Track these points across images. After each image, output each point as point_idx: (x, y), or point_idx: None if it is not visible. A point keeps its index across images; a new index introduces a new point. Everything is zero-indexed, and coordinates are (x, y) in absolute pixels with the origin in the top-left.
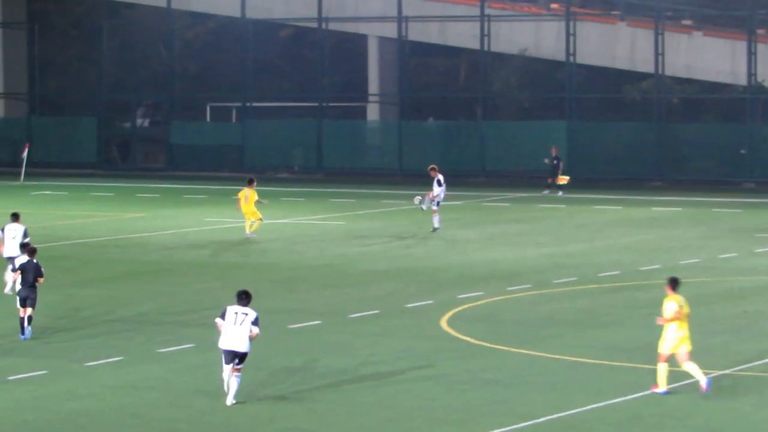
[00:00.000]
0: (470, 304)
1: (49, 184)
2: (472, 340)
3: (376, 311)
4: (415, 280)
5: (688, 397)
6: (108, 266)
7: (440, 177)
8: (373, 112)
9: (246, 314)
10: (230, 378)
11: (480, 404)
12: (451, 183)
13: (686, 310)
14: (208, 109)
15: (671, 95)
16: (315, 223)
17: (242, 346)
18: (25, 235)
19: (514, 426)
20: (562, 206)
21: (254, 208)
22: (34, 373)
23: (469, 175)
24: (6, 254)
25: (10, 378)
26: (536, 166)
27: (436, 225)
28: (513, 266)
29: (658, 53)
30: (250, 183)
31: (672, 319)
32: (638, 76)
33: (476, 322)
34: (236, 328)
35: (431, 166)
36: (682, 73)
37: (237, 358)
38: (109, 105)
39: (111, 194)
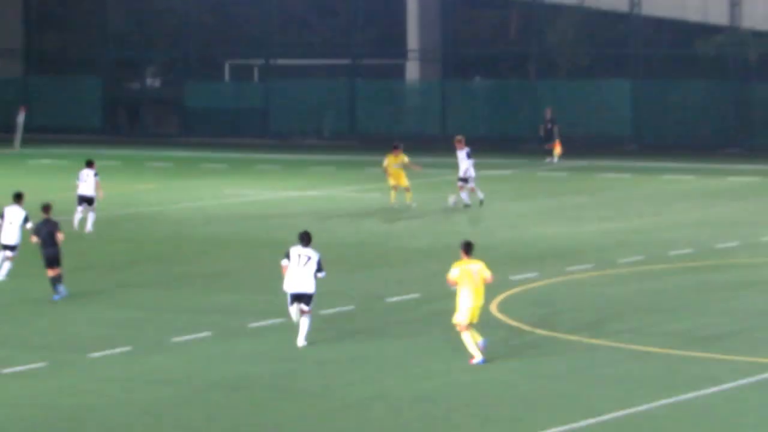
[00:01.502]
0: (524, 287)
1: (48, 152)
2: (526, 327)
3: (416, 295)
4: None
5: None
6: (114, 244)
7: (467, 149)
8: (412, 71)
9: (309, 257)
10: (300, 318)
11: (535, 399)
12: (501, 150)
13: (483, 275)
14: (226, 67)
15: (748, 50)
16: (348, 195)
17: (308, 287)
18: (26, 220)
19: (574, 424)
20: (627, 176)
21: (402, 175)
22: (32, 366)
23: (521, 141)
24: (3, 240)
25: (6, 371)
26: (598, 128)
27: (466, 200)
28: (572, 243)
29: (734, 3)
30: (394, 149)
31: (453, 284)
32: (711, 29)
33: (530, 306)
34: (300, 270)
35: (457, 137)
36: (761, 26)
37: (303, 300)
38: (116, 63)
39: (118, 163)
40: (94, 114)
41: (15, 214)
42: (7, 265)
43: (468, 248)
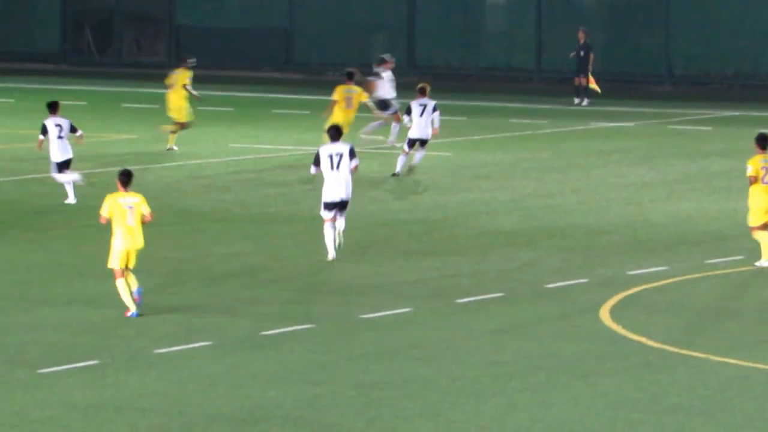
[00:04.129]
0: (647, 285)
1: None
2: (650, 342)
3: (498, 294)
4: (562, 246)
5: None
6: (79, 216)
7: (425, 101)
8: None
9: (340, 154)
10: (333, 226)
11: None
12: (621, 92)
13: (142, 211)
14: None
15: None
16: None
17: (345, 193)
18: (73, 129)
19: None
20: None
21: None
22: None
23: (647, 82)
24: (54, 159)
25: None
26: (753, 65)
27: (397, 169)
28: (715, 226)
29: None
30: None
31: (104, 220)
32: None
33: (656, 313)
34: (335, 174)
35: (421, 84)
36: None
37: (340, 207)
38: None
39: (83, 103)
40: (50, 36)
41: (61, 124)
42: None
43: (125, 178)
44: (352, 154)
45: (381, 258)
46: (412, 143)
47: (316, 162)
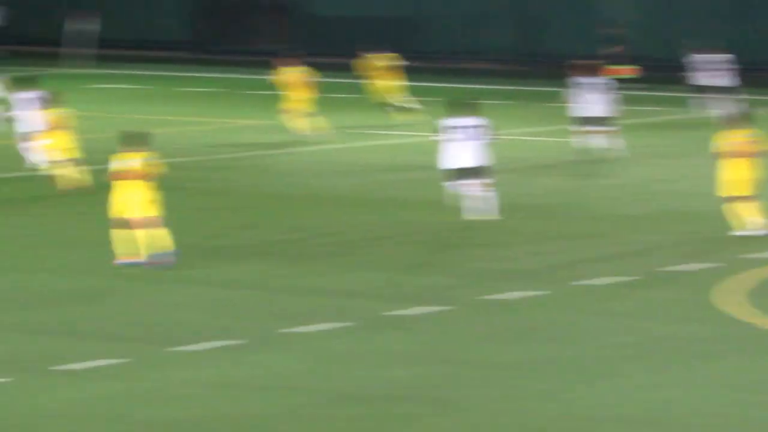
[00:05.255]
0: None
1: (117, 73)
2: None
3: (623, 278)
4: (682, 231)
5: None
6: (202, 199)
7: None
8: None
9: (474, 125)
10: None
11: None
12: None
13: (148, 169)
14: None
15: None
16: (530, 140)
17: (476, 160)
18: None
19: None
20: None
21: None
22: (103, 362)
23: None
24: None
25: (68, 368)
26: None
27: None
28: None
29: None
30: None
31: (114, 178)
32: None
33: None
34: (466, 143)
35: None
36: None
37: (476, 174)
38: None
39: (211, 90)
40: (176, 23)
41: None
42: None
43: (129, 139)
44: (484, 125)
45: (512, 240)
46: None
47: (443, 130)
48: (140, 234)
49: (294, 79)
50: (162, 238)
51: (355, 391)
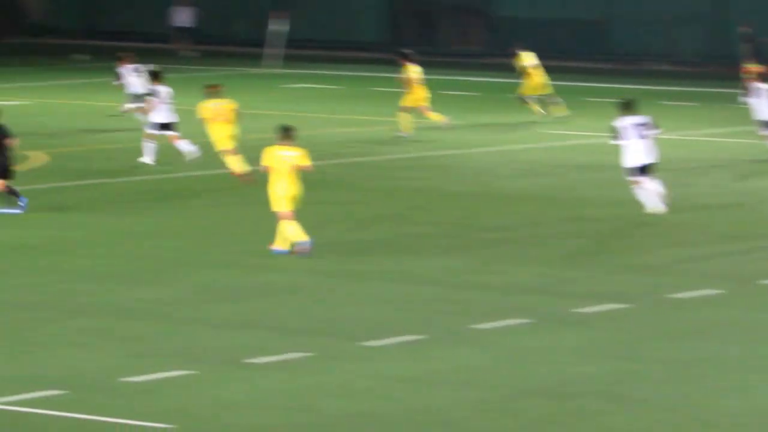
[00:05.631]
0: None
1: (311, 73)
2: None
3: None
4: None
5: None
6: (395, 198)
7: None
8: None
9: (643, 123)
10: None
11: None
12: None
13: (299, 163)
14: None
15: None
16: (717, 140)
17: (654, 156)
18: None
19: None
20: None
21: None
22: (289, 356)
23: None
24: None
25: (255, 361)
26: None
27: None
28: None
29: None
30: None
31: (268, 171)
32: None
33: None
34: (641, 141)
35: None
36: None
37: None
38: None
39: (403, 90)
40: (371, 24)
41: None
42: None
43: (285, 133)
44: (651, 123)
45: (689, 239)
46: None
47: (617, 135)
48: (287, 225)
49: (416, 78)
50: (298, 228)
51: (536, 386)
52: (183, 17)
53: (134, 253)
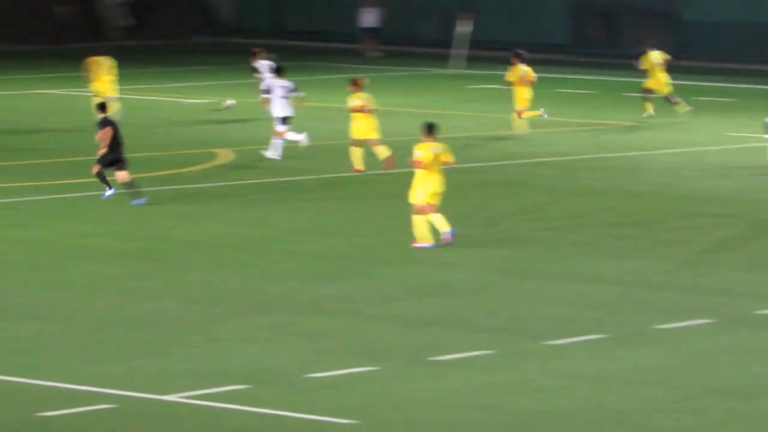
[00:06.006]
0: None
1: (494, 74)
2: None
3: None
4: None
5: None
6: (575, 198)
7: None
8: None
9: None
10: None
11: None
12: None
13: (444, 158)
14: None
15: None
16: None
17: None
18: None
19: None
20: None
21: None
22: (472, 354)
23: None
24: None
25: (440, 358)
26: None
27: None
28: None
29: None
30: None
31: (417, 166)
32: None
33: None
34: None
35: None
36: None
37: None
38: None
39: (590, 92)
40: (557, 25)
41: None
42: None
43: (429, 130)
44: None
45: None
46: None
47: None
48: (430, 219)
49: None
50: (443, 219)
51: (718, 386)
52: (370, 18)
53: (310, 250)
